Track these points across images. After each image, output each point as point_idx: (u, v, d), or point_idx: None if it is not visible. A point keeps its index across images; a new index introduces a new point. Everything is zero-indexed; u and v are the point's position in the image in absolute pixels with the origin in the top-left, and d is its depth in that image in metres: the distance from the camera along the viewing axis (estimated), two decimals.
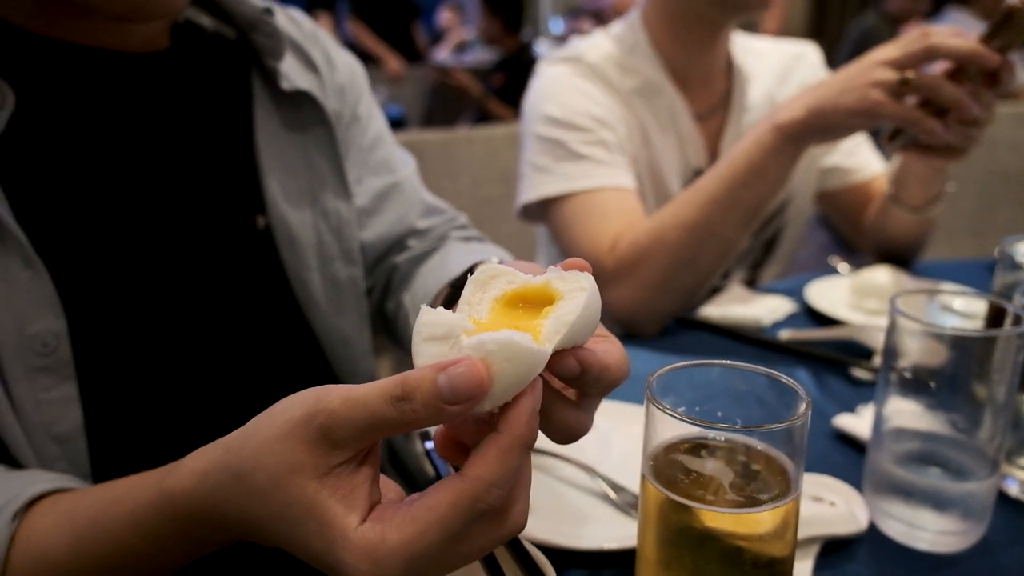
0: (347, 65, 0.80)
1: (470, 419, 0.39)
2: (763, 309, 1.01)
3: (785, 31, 6.99)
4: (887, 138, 0.93)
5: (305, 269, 0.71)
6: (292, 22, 0.76)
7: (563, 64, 1.13)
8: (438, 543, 0.35)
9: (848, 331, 0.92)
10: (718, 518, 0.42)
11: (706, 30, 1.14)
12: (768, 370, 0.46)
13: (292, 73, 0.70)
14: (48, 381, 0.56)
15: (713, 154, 1.19)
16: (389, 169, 0.80)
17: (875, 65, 0.86)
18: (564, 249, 1.05)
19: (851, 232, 1.26)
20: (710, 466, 0.44)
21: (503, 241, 0.91)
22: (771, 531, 0.42)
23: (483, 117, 3.74)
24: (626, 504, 0.61)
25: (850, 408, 0.77)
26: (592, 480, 0.64)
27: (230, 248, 0.66)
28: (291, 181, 0.70)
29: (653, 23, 1.15)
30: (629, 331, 0.98)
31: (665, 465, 0.44)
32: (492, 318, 0.40)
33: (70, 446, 0.57)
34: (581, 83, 1.10)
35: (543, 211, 1.09)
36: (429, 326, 0.37)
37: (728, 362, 0.46)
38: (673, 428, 0.43)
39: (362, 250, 0.76)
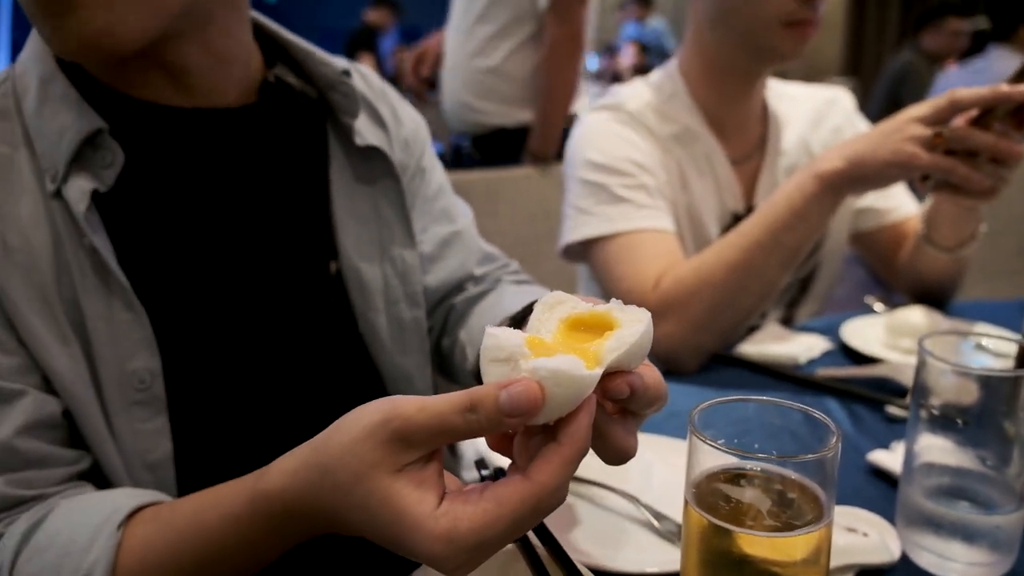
0: (412, 119, 0.86)
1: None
2: (799, 347, 1.05)
3: (822, 67, 7.03)
4: (920, 179, 0.97)
5: (372, 311, 0.76)
6: (363, 79, 0.82)
7: (605, 112, 1.19)
8: (502, 532, 0.41)
9: (883, 369, 0.95)
10: (756, 542, 0.46)
11: (741, 79, 1.19)
12: (801, 406, 0.50)
13: (364, 130, 0.76)
14: (143, 414, 0.62)
15: (749, 197, 1.23)
16: (450, 219, 0.86)
17: (908, 121, 0.91)
18: (605, 288, 1.09)
19: (885, 272, 1.29)
20: (748, 494, 0.48)
21: (543, 279, 0.96)
22: (805, 556, 0.46)
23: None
24: (668, 532, 0.65)
25: (884, 444, 0.79)
26: (636, 509, 0.68)
27: (305, 291, 0.72)
28: (361, 230, 0.76)
29: (690, 72, 1.21)
30: (670, 367, 1.02)
31: (707, 493, 0.48)
32: (555, 337, 0.46)
33: (161, 473, 0.63)
34: (622, 130, 1.16)
35: (585, 251, 1.14)
36: (492, 350, 0.42)
37: (764, 398, 0.51)
38: (714, 458, 0.47)
39: (424, 293, 0.81)
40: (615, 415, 0.48)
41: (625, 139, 1.15)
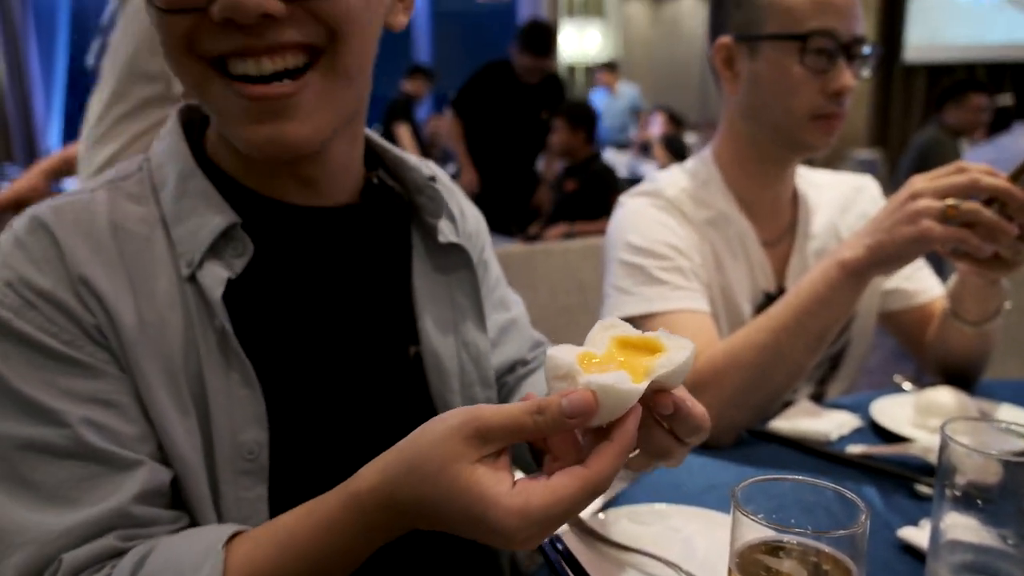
0: (474, 216, 0.95)
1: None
2: (831, 424, 1.10)
3: (849, 139, 7.14)
4: (942, 247, 1.02)
5: (449, 392, 0.83)
6: (439, 180, 0.91)
7: (643, 197, 1.27)
8: (564, 510, 0.51)
9: (911, 448, 0.99)
10: None
11: (773, 166, 1.26)
12: (834, 486, 0.55)
13: (445, 228, 0.84)
14: (247, 483, 0.68)
15: (781, 278, 1.29)
16: (506, 307, 0.95)
17: (919, 196, 0.97)
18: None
19: (914, 351, 1.34)
20: (787, 565, 0.53)
21: None
22: None
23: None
24: None
25: (913, 521, 0.84)
26: None
27: (389, 373, 0.79)
28: (439, 316, 0.83)
29: (724, 160, 1.29)
30: (707, 442, 1.06)
31: (749, 563, 0.54)
32: (606, 353, 0.56)
33: None
34: (659, 215, 1.24)
35: None
36: (553, 368, 0.53)
37: (799, 477, 0.56)
38: (755, 531, 0.53)
39: None
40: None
41: (663, 224, 1.22)
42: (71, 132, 9.51)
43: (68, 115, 9.37)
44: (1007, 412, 1.11)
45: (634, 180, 5.32)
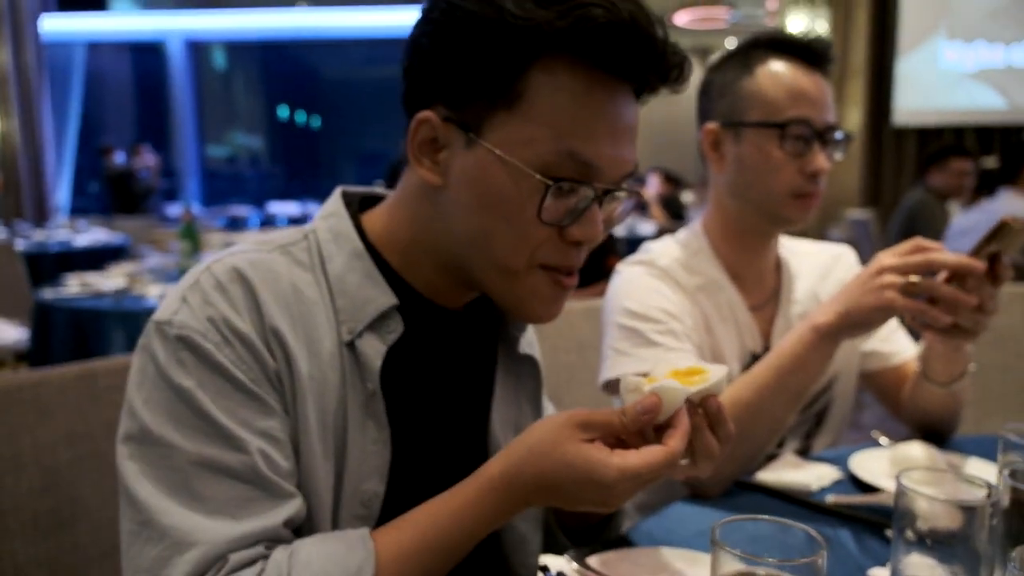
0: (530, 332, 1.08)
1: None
2: (812, 475, 1.19)
3: (842, 199, 7.32)
4: (908, 318, 1.13)
5: None
6: None
7: (639, 266, 1.39)
8: (650, 471, 0.69)
9: (884, 497, 1.08)
10: None
11: (757, 238, 1.38)
12: (801, 525, 0.65)
13: (523, 340, 0.96)
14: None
15: (766, 339, 1.40)
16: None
17: (884, 271, 1.09)
18: None
19: (892, 408, 1.44)
20: None
21: (577, 404, 1.13)
22: None
23: None
24: None
25: (882, 562, 0.93)
26: None
27: (469, 454, 0.89)
28: (506, 415, 0.94)
29: (713, 232, 1.41)
30: (696, 492, 1.16)
31: None
32: (664, 376, 0.76)
33: None
34: (654, 282, 1.35)
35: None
36: (626, 385, 0.75)
37: (770, 517, 0.66)
38: (730, 563, 0.63)
39: None
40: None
41: (657, 291, 1.34)
42: (79, 189, 9.74)
43: (77, 174, 9.62)
44: (975, 464, 1.21)
45: (632, 239, 5.46)
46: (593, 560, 0.90)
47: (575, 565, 0.88)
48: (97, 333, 2.92)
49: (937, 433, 1.35)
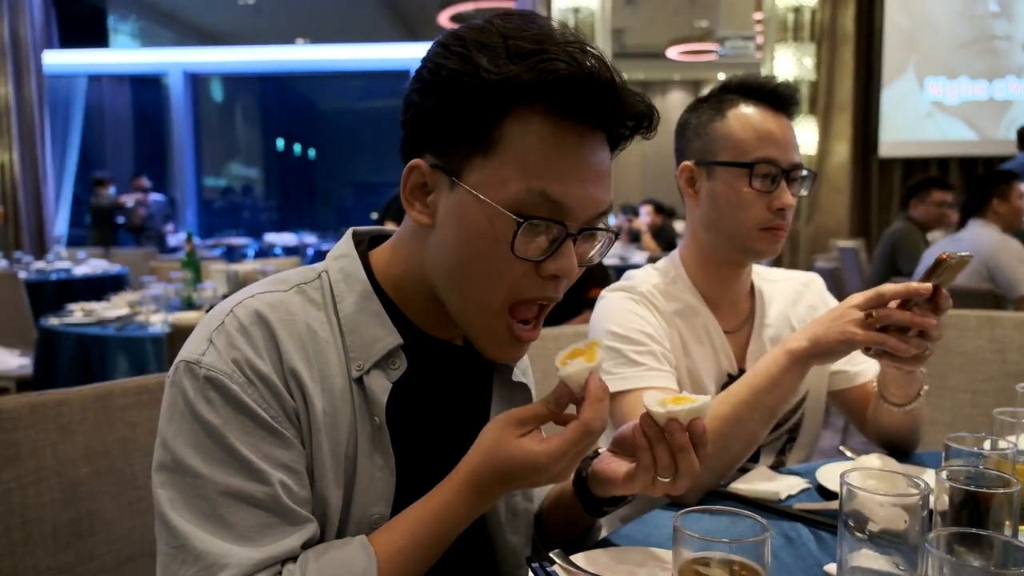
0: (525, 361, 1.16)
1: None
2: (782, 485, 1.28)
3: (832, 230, 7.46)
4: (865, 349, 1.23)
5: (499, 499, 0.99)
6: None
7: (621, 292, 1.49)
8: (572, 445, 0.82)
9: None
10: None
11: (729, 267, 1.49)
12: (750, 514, 0.75)
13: (517, 368, 1.04)
14: None
15: (741, 361, 1.50)
16: None
17: (849, 308, 1.19)
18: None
19: (858, 424, 1.54)
20: (714, 570, 0.72)
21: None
22: None
23: None
24: None
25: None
26: None
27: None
28: None
29: (689, 262, 1.51)
30: (674, 499, 1.25)
31: (687, 571, 0.73)
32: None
33: None
34: (635, 307, 1.45)
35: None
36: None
37: (724, 508, 0.76)
38: (690, 545, 0.72)
39: None
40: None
41: (638, 315, 1.44)
42: (77, 221, 9.84)
43: (75, 205, 9.73)
44: (930, 475, 1.30)
45: (623, 268, 5.57)
46: (578, 558, 0.99)
47: (559, 562, 0.97)
48: (101, 359, 3.01)
49: (900, 449, 1.45)
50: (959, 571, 0.66)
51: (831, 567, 0.99)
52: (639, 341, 1.40)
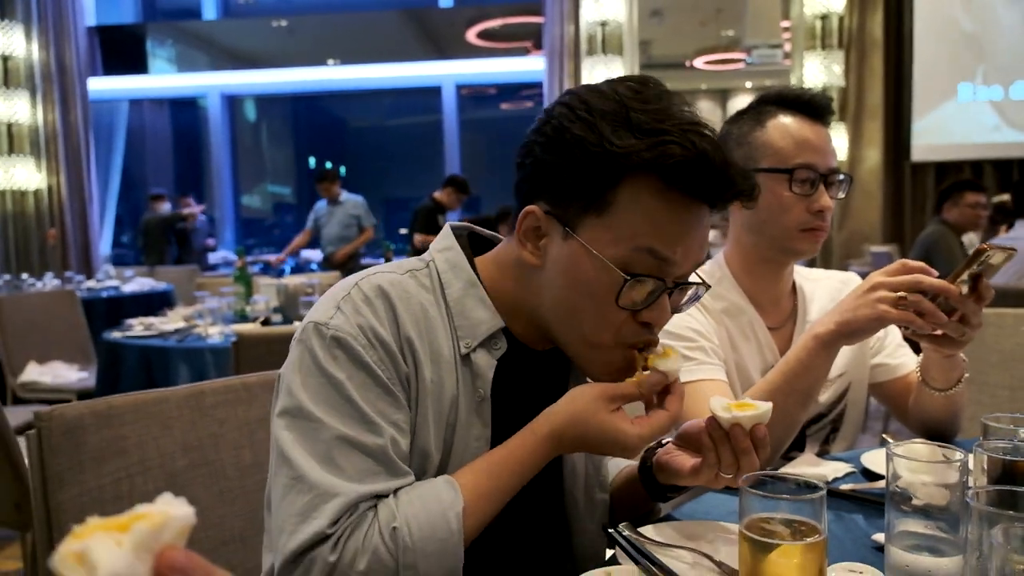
0: None
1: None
2: (828, 469, 1.37)
3: (865, 235, 7.45)
4: (903, 329, 1.31)
5: (577, 490, 1.11)
6: None
7: None
8: (658, 432, 0.94)
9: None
10: (784, 550, 0.79)
11: (772, 267, 1.58)
12: (807, 478, 0.84)
13: None
14: None
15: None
16: None
17: (877, 287, 1.27)
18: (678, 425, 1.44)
19: (899, 415, 1.62)
20: (775, 527, 0.82)
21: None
22: (812, 558, 0.79)
23: None
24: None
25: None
26: (710, 564, 1.00)
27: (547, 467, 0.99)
28: None
29: (733, 263, 1.61)
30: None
31: (753, 528, 0.82)
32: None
33: None
34: None
35: None
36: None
37: (784, 473, 0.85)
38: (755, 504, 0.82)
39: None
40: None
41: (687, 313, 1.53)
42: (117, 242, 10.12)
43: (117, 225, 10.00)
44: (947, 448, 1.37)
45: None
46: (645, 529, 1.08)
47: (628, 533, 1.07)
48: (163, 369, 3.16)
49: (940, 436, 1.52)
50: (997, 520, 0.74)
51: (879, 536, 1.07)
52: (690, 338, 1.49)
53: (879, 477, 1.33)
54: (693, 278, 0.98)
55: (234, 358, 2.40)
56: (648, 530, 1.08)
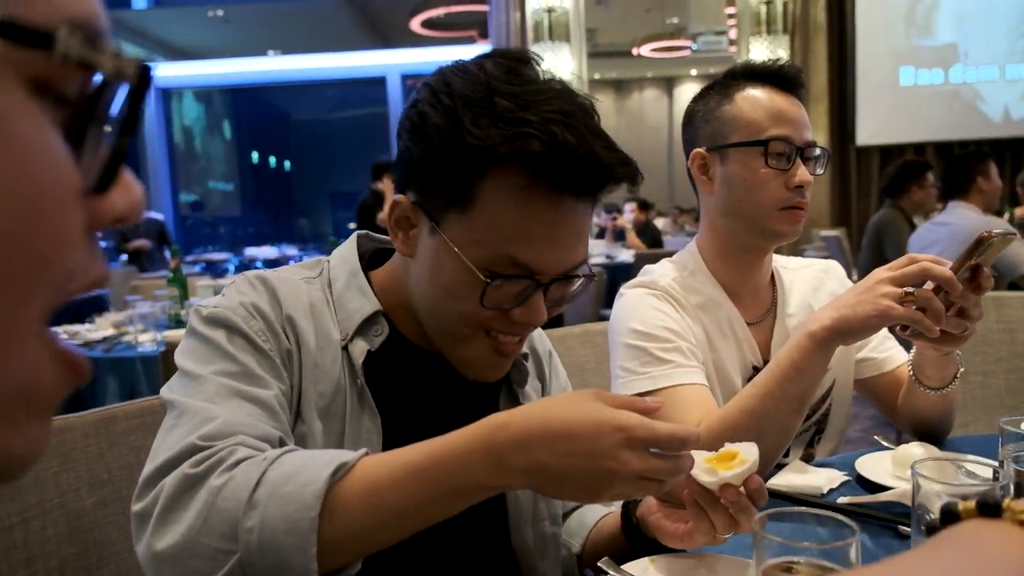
0: (562, 378, 1.16)
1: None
2: (822, 479, 1.24)
3: (813, 220, 7.49)
4: (900, 329, 1.20)
5: (524, 523, 1.02)
6: (541, 341, 1.15)
7: (640, 287, 1.44)
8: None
9: (893, 495, 1.14)
10: None
11: (750, 255, 1.45)
12: (831, 513, 0.70)
13: (531, 391, 1.04)
14: None
15: (766, 352, 1.46)
16: None
17: (881, 282, 1.14)
18: None
19: (888, 413, 1.50)
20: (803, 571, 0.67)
21: None
22: None
23: None
24: None
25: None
26: None
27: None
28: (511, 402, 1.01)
29: (707, 252, 1.47)
30: None
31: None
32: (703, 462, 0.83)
33: None
34: (656, 303, 1.41)
35: None
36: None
37: (806, 509, 0.71)
38: (771, 550, 0.67)
39: None
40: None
41: (660, 310, 1.39)
42: None
43: None
44: (972, 461, 1.26)
45: (609, 266, 5.55)
46: (631, 566, 0.93)
47: (610, 571, 0.92)
48: (91, 383, 2.91)
49: (932, 434, 1.41)
50: None
51: None
52: (664, 338, 1.35)
53: (877, 486, 1.21)
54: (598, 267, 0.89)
55: (163, 369, 2.20)
56: (634, 567, 0.93)
